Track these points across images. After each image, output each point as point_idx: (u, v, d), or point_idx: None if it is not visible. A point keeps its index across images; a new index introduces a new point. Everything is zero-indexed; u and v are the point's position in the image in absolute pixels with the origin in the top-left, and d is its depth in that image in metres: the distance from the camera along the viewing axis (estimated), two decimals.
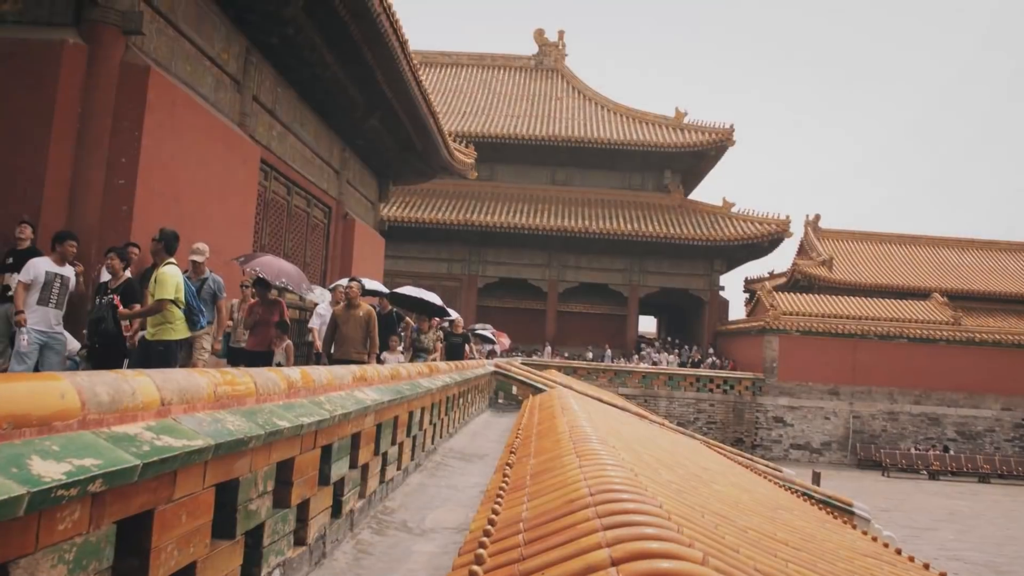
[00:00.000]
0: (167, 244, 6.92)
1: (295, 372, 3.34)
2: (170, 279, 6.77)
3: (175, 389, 2.21)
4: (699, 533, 2.69)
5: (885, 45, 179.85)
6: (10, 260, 7.81)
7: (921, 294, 38.99)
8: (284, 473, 2.98)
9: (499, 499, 3.95)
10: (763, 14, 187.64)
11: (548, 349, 35.79)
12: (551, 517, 3.01)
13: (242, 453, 2.49)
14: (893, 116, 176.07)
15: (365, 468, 4.40)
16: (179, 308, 6.91)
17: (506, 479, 4.60)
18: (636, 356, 36.38)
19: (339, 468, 3.76)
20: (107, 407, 1.87)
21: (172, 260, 6.96)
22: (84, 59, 8.86)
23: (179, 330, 6.99)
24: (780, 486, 10.83)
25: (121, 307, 7.17)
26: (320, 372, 3.72)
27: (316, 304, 12.75)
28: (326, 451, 3.52)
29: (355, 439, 4.11)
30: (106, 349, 7.26)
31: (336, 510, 3.81)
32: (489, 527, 3.25)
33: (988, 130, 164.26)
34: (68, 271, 7.35)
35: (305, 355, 12.70)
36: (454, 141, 25.77)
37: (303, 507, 3.23)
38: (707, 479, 5.96)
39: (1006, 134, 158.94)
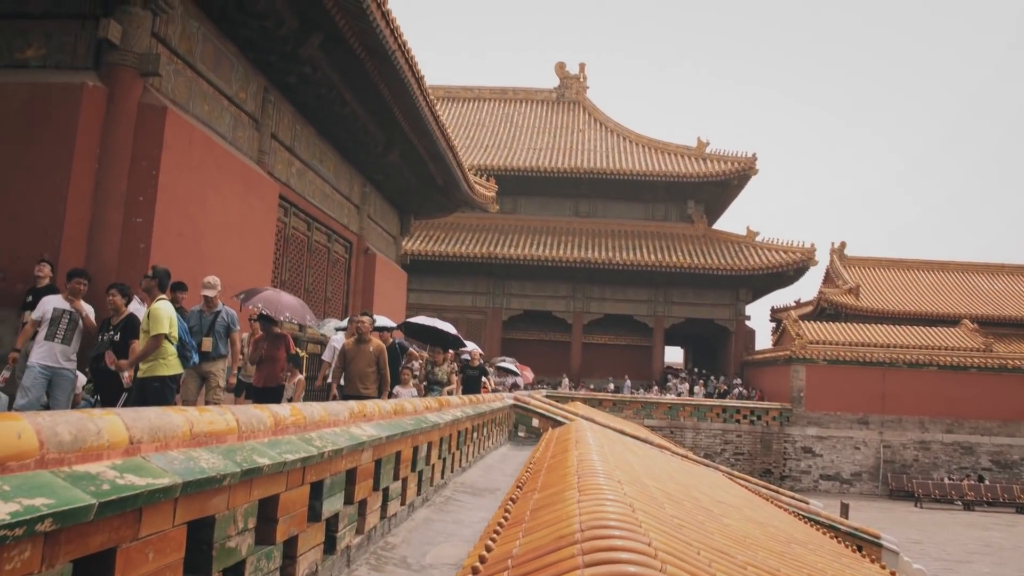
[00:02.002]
0: (160, 281, 7.02)
1: (284, 409, 3.35)
2: (163, 314, 6.86)
3: (146, 428, 2.22)
4: (687, 571, 2.65)
5: (905, 69, 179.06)
6: (29, 298, 7.96)
7: (951, 321, 38.36)
8: (268, 510, 2.96)
9: (495, 535, 3.91)
10: (782, 42, 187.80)
11: (566, 381, 35.55)
12: (539, 554, 2.97)
13: (217, 491, 2.49)
14: (915, 140, 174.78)
15: (363, 504, 4.37)
16: (171, 343, 6.98)
17: (507, 514, 4.55)
18: (655, 387, 36.04)
19: (332, 504, 3.74)
20: (69, 446, 1.88)
21: (163, 296, 7.06)
22: (103, 101, 9.08)
23: (172, 365, 7.06)
24: (803, 519, 10.62)
25: (113, 357, 7.23)
26: (313, 408, 3.72)
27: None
28: (316, 488, 3.50)
29: (350, 475, 4.10)
30: (103, 385, 7.35)
31: (330, 546, 3.79)
32: (478, 564, 3.21)
33: (1013, 150, 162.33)
34: (82, 308, 7.47)
35: (326, 391, 12.70)
36: (476, 175, 25.95)
37: (290, 544, 3.21)
38: (718, 513, 5.85)
39: None
